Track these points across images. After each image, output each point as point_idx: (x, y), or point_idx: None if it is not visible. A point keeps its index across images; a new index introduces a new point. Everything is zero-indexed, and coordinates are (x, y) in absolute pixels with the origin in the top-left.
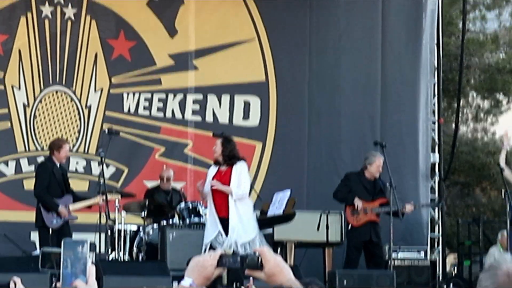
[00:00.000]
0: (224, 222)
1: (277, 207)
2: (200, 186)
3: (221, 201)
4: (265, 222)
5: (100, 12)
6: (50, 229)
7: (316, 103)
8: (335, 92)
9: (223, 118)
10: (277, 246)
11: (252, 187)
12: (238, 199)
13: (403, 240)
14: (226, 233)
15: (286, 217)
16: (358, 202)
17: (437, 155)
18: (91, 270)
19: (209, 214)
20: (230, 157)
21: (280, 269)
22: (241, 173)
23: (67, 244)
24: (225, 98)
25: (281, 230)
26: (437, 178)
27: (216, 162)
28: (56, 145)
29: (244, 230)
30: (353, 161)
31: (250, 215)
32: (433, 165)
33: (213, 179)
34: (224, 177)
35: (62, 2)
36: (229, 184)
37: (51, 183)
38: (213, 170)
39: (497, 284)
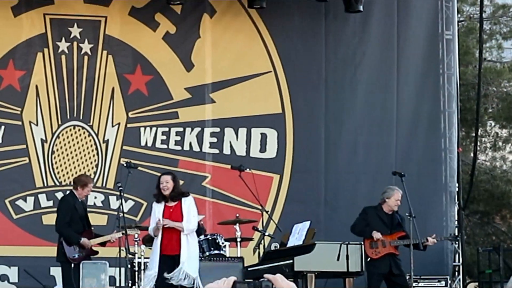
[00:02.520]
0: (170, 260)
1: (297, 238)
2: (154, 227)
3: (170, 238)
4: (285, 252)
5: (117, 47)
6: (72, 264)
7: (333, 135)
8: (351, 124)
9: (241, 151)
10: (297, 276)
11: (270, 218)
12: (188, 234)
13: (425, 270)
14: (170, 271)
15: (306, 247)
16: (376, 235)
17: (456, 184)
18: None
19: (154, 249)
20: (179, 193)
21: None
22: (189, 206)
23: (87, 269)
24: (242, 131)
25: (301, 261)
26: (456, 207)
27: (161, 198)
28: (81, 182)
29: (191, 265)
30: (371, 193)
31: (197, 253)
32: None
33: (163, 216)
34: (175, 213)
35: (79, 37)
36: (181, 219)
37: (73, 218)
38: (159, 207)
39: None
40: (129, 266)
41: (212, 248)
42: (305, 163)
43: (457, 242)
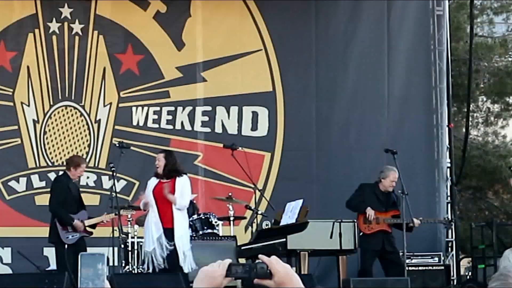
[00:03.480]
0: (167, 232)
1: (289, 216)
2: (142, 196)
3: (166, 211)
4: (278, 231)
5: (108, 27)
6: (66, 245)
7: (324, 113)
8: (342, 101)
9: (232, 129)
10: (290, 255)
11: (262, 196)
12: (180, 210)
13: (418, 246)
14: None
15: (299, 226)
16: (370, 211)
17: (448, 160)
18: (107, 284)
19: (151, 223)
20: (171, 171)
21: (290, 278)
22: (184, 186)
23: (85, 260)
24: (234, 109)
25: (295, 239)
26: (449, 183)
27: (157, 175)
28: (74, 163)
29: (187, 239)
30: (363, 170)
31: (188, 230)
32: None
33: (154, 189)
34: (170, 187)
35: (69, 18)
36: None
37: (67, 198)
38: (154, 181)
39: None
40: (122, 246)
41: (205, 227)
42: (296, 141)
43: (451, 227)
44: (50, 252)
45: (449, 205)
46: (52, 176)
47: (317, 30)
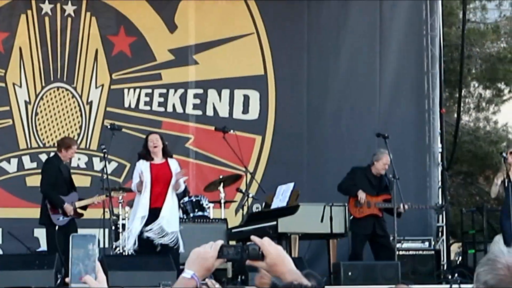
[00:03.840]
0: (154, 212)
1: (280, 199)
2: (138, 182)
3: (160, 191)
4: (269, 214)
5: (100, 9)
6: (57, 226)
7: (315, 97)
8: (334, 85)
9: (223, 112)
10: (281, 238)
11: (253, 178)
12: (173, 192)
13: (409, 231)
14: (151, 221)
15: (290, 209)
16: (361, 195)
17: (439, 145)
18: (98, 265)
19: (140, 205)
20: (166, 152)
21: (282, 259)
22: (177, 167)
23: (76, 241)
24: (225, 92)
25: (285, 222)
26: (440, 168)
27: (147, 157)
28: (65, 144)
29: (170, 220)
30: (354, 155)
31: (177, 211)
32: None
33: (151, 172)
34: (164, 169)
35: None
36: (171, 175)
37: (58, 180)
38: (145, 164)
39: (497, 278)
40: (113, 227)
41: (196, 210)
42: (287, 124)
43: (442, 212)
44: (40, 233)
45: (440, 190)
46: (43, 157)
47: (309, 15)
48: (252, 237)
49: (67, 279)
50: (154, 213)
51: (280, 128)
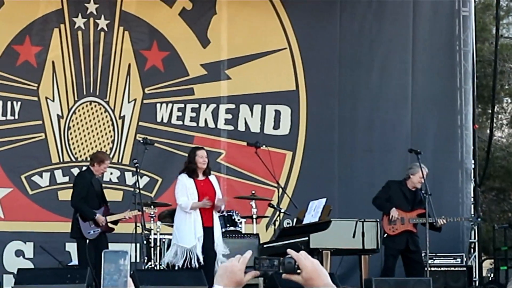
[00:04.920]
0: (206, 231)
1: (312, 215)
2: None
3: (208, 210)
4: (301, 229)
5: (133, 23)
6: (88, 240)
7: (347, 112)
8: (365, 101)
9: (255, 127)
10: (313, 253)
11: (284, 193)
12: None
13: (441, 247)
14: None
15: (321, 224)
16: (394, 213)
17: (472, 161)
18: (130, 281)
19: (193, 221)
20: (209, 168)
21: (318, 274)
22: (217, 184)
23: (108, 256)
24: (257, 108)
25: (317, 238)
26: (472, 184)
27: (192, 174)
28: (98, 158)
29: (219, 243)
30: (386, 170)
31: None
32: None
33: (198, 190)
34: (208, 187)
35: (95, 13)
36: (214, 194)
37: (89, 194)
38: (190, 181)
39: None
40: (144, 242)
41: (228, 225)
42: (318, 140)
43: (477, 223)
44: (72, 247)
45: (472, 206)
46: (76, 171)
47: (342, 29)
48: (289, 250)
49: None
50: (205, 232)
51: (311, 143)
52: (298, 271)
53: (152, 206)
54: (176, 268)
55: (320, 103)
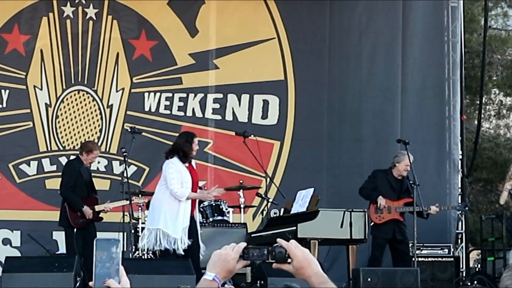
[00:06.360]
0: (191, 221)
1: (300, 204)
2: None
3: (195, 200)
4: (288, 219)
5: (122, 12)
6: (75, 228)
7: (336, 102)
8: (355, 90)
9: (243, 117)
10: (300, 243)
11: (272, 182)
12: None
13: (428, 237)
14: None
15: (309, 214)
16: (381, 201)
17: (459, 152)
18: (122, 269)
19: (182, 211)
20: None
21: (308, 262)
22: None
23: (100, 244)
24: (245, 97)
25: (305, 228)
26: (460, 175)
27: (185, 160)
28: (87, 147)
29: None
30: (374, 160)
31: None
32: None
33: (193, 177)
34: (196, 174)
35: (84, 2)
36: (198, 180)
37: (78, 183)
38: (184, 168)
39: None
40: (132, 231)
41: (216, 214)
42: (306, 130)
43: (464, 212)
44: (59, 236)
45: (460, 196)
46: (63, 160)
47: (331, 19)
48: (278, 240)
49: (90, 283)
50: (190, 222)
51: (299, 133)
52: (289, 260)
53: (140, 195)
54: (157, 253)
55: (308, 93)
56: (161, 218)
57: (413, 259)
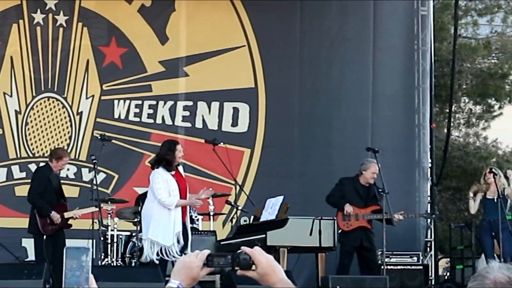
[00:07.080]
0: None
1: (270, 212)
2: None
3: (185, 206)
4: (258, 227)
5: (92, 19)
6: (45, 236)
7: (307, 110)
8: (325, 98)
9: (213, 125)
10: (269, 251)
11: (242, 190)
12: None
13: (398, 245)
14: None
15: (279, 222)
16: (348, 208)
17: (429, 160)
18: (92, 278)
19: (173, 218)
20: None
21: (273, 269)
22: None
23: (70, 252)
24: (215, 105)
25: (274, 236)
26: (429, 183)
27: (169, 168)
28: (56, 155)
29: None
30: (344, 168)
31: None
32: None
33: (180, 185)
34: (183, 180)
35: (54, 9)
36: (187, 187)
37: (47, 189)
38: (169, 176)
39: None
40: (101, 238)
41: None
42: (277, 137)
43: (432, 220)
44: (28, 243)
45: (429, 205)
46: (33, 167)
47: (302, 27)
48: (243, 247)
49: None
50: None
51: (270, 141)
52: (253, 267)
53: (109, 202)
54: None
55: (279, 101)
56: (150, 228)
57: (382, 267)
